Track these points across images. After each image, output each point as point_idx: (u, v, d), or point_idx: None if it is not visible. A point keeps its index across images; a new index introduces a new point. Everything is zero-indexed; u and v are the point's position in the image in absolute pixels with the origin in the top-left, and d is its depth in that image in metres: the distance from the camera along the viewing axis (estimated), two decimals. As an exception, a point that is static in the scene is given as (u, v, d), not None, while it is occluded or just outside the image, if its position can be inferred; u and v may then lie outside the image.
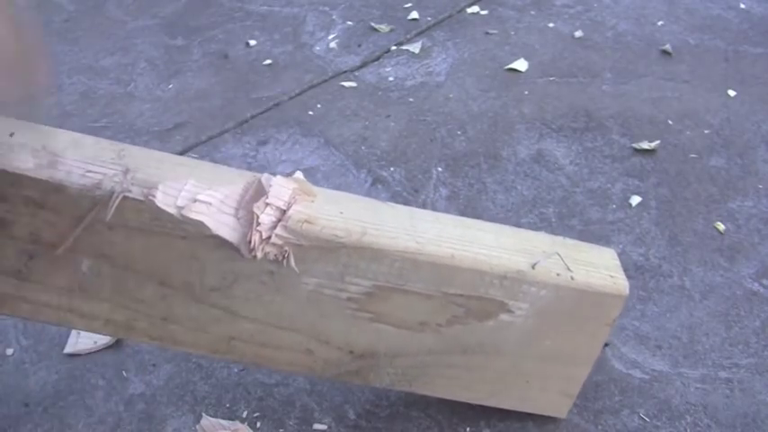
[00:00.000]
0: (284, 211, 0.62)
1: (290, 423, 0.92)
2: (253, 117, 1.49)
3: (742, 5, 1.79)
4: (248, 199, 0.63)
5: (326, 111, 1.50)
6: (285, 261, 0.63)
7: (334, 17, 1.82)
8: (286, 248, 0.63)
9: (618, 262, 0.77)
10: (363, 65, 1.64)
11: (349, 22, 1.80)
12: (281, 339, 0.71)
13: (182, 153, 1.40)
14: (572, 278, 0.70)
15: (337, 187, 1.30)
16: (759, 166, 1.32)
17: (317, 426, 0.92)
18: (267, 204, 0.62)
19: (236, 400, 0.95)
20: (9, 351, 1.03)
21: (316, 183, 1.31)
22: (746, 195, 1.26)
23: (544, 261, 0.70)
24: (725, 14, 1.76)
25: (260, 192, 0.63)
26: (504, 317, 0.71)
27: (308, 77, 1.60)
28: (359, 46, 1.71)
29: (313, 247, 0.63)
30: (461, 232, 0.71)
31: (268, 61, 1.66)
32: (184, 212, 0.60)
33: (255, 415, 0.93)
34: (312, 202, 0.66)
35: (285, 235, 0.62)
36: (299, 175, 0.68)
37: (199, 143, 1.43)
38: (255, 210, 0.62)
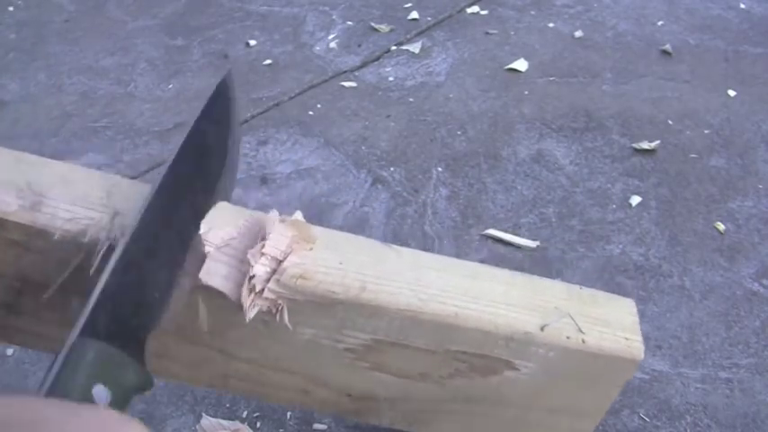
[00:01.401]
0: (280, 262, 0.59)
1: (290, 423, 0.92)
2: (253, 117, 1.48)
3: (742, 5, 1.79)
4: (244, 247, 0.60)
5: (326, 111, 1.50)
6: (278, 315, 0.61)
7: (334, 17, 1.82)
8: (279, 302, 0.60)
9: (636, 317, 0.72)
10: (363, 65, 1.64)
11: (349, 22, 1.80)
12: (278, 380, 0.69)
13: (182, 153, 1.40)
14: (583, 341, 0.67)
15: (337, 187, 1.30)
16: (759, 166, 1.32)
17: (316, 426, 0.92)
18: (263, 254, 0.59)
19: (236, 400, 0.95)
20: (9, 351, 1.03)
21: (316, 183, 1.32)
22: (746, 195, 1.26)
23: (554, 323, 0.67)
24: (725, 14, 1.76)
25: (257, 239, 0.60)
26: (509, 373, 0.69)
27: (308, 77, 1.60)
28: (359, 46, 1.71)
29: (308, 301, 0.61)
30: (469, 285, 0.67)
31: (268, 61, 1.66)
32: None
33: (255, 415, 0.93)
34: (310, 250, 0.63)
35: (278, 290, 0.59)
36: (298, 215, 0.65)
37: (199, 143, 1.42)
38: (250, 259, 0.59)
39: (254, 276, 0.59)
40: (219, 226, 0.61)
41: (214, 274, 0.59)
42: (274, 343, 0.65)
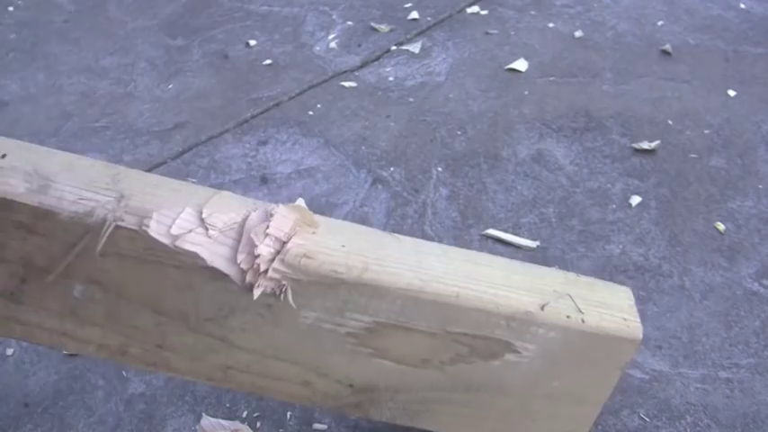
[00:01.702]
0: (284, 243, 0.60)
1: (290, 423, 0.92)
2: (253, 117, 1.49)
3: (742, 5, 1.79)
4: (247, 229, 0.61)
5: (326, 111, 1.50)
6: (282, 296, 0.61)
7: (334, 17, 1.82)
8: (284, 283, 0.61)
9: (633, 302, 0.74)
10: (363, 65, 1.64)
11: (349, 22, 1.80)
12: (279, 370, 0.69)
13: (182, 153, 1.40)
14: (583, 320, 0.67)
15: (337, 187, 1.30)
16: (759, 166, 1.32)
17: (316, 426, 0.92)
18: (267, 235, 0.59)
19: (236, 400, 0.95)
20: (9, 351, 1.03)
21: (316, 183, 1.32)
22: (746, 195, 1.26)
23: (554, 302, 0.67)
24: (725, 14, 1.76)
25: (260, 221, 0.61)
26: (510, 357, 0.69)
27: (308, 77, 1.60)
28: (359, 46, 1.71)
29: (312, 282, 0.61)
30: (469, 269, 0.68)
31: (268, 61, 1.66)
32: (178, 243, 0.58)
33: (255, 415, 0.93)
34: (313, 233, 0.63)
35: (283, 269, 0.60)
36: (300, 202, 0.66)
37: (199, 143, 1.43)
38: (254, 239, 0.59)
39: (258, 257, 0.59)
40: (222, 211, 0.62)
41: (219, 256, 0.60)
42: (277, 329, 0.65)
